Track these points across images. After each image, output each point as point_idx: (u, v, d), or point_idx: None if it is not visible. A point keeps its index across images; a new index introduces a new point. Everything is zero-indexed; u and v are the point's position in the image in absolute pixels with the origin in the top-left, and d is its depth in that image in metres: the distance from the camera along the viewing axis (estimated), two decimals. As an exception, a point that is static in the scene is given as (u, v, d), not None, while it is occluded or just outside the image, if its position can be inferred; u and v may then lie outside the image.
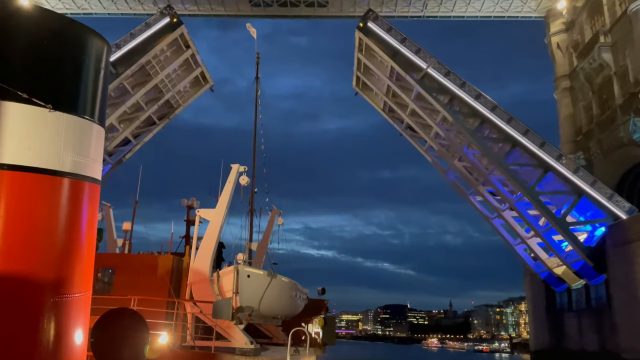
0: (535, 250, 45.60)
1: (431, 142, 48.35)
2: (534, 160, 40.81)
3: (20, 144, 8.67)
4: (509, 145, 41.22)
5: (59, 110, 8.76)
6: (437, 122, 44.54)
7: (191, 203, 25.04)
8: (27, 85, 8.49)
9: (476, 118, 41.96)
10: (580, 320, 43.22)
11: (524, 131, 40.49)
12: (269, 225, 31.78)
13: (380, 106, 52.86)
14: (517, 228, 46.39)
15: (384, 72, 45.89)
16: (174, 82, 49.51)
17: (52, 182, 8.81)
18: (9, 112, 8.56)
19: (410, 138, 52.24)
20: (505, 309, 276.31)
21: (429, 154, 51.22)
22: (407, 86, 45.88)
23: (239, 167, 21.94)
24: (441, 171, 50.92)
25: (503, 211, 46.18)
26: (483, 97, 41.29)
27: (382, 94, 49.45)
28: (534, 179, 41.07)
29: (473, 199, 49.73)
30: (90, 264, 9.56)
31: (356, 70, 49.85)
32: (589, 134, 50.00)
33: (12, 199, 8.55)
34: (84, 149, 9.43)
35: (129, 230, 27.14)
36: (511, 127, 40.67)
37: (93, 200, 9.89)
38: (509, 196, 43.35)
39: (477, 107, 41.17)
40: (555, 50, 55.83)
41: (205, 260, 21.10)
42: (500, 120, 40.83)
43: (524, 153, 41.09)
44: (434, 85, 42.64)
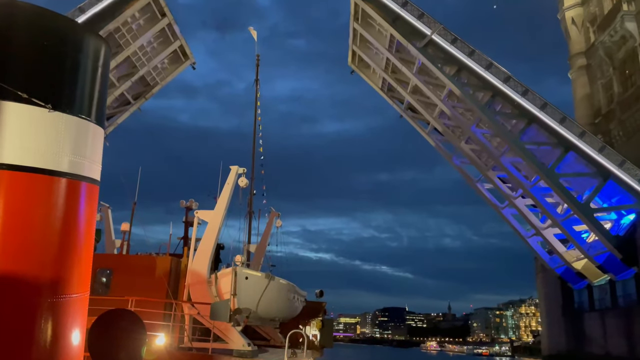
0: (551, 242, 40.65)
1: (435, 122, 43.42)
2: (553, 139, 35.91)
3: (19, 144, 8.71)
4: (525, 121, 36.33)
5: (59, 110, 8.71)
6: (442, 99, 39.63)
7: (190, 204, 25.15)
8: (26, 85, 8.55)
9: (487, 91, 37.06)
10: (605, 321, 38.27)
11: (541, 105, 35.59)
12: (267, 228, 31.54)
13: (378, 85, 47.92)
14: (530, 217, 41.48)
15: (382, 43, 40.98)
16: (149, 56, 44.46)
17: (50, 182, 8.85)
18: (8, 112, 8.68)
19: (411, 120, 47.32)
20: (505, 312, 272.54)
21: (432, 137, 46.28)
22: (409, 58, 40.96)
23: (237, 168, 21.93)
24: (446, 156, 45.97)
25: (515, 199, 41.26)
26: (495, 67, 36.40)
27: (381, 70, 44.53)
28: (552, 160, 36.16)
29: (481, 186, 44.82)
30: (88, 264, 9.39)
31: (351, 44, 44.91)
32: (610, 115, 45.16)
33: (10, 199, 8.56)
34: (83, 149, 9.38)
35: (127, 231, 27.20)
36: (527, 101, 35.78)
37: (91, 201, 9.71)
38: (523, 181, 38.42)
39: (489, 78, 36.26)
40: (570, 26, 51.07)
41: (204, 262, 21.20)
42: (514, 93, 35.94)
43: (542, 130, 36.21)
44: (439, 54, 37.74)
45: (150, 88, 47.88)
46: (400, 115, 48.30)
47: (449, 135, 43.78)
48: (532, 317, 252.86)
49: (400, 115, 48.30)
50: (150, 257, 23.89)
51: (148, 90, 47.96)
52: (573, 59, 50.64)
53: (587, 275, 38.94)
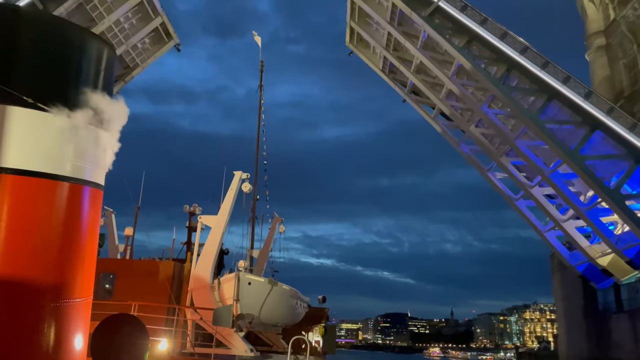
0: (572, 236, 36.39)
1: (441, 104, 39.26)
2: (577, 116, 31.74)
3: (24, 149, 9.18)
4: (544, 98, 32.18)
5: (63, 114, 9.27)
6: (450, 76, 35.51)
7: (193, 209, 25.11)
8: (31, 89, 9.04)
9: (501, 64, 32.95)
10: (635, 324, 33.95)
11: (564, 78, 31.45)
12: (270, 233, 31.51)
13: (378, 66, 43.84)
14: (549, 209, 37.24)
15: (383, 16, 36.93)
16: (127, 34, 40.48)
17: (54, 186, 9.24)
18: (13, 116, 9.17)
19: (415, 104, 43.18)
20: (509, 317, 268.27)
21: (438, 122, 42.11)
22: (413, 32, 36.91)
23: (241, 174, 21.90)
24: (453, 143, 41.77)
25: (532, 187, 37.04)
26: (510, 37, 32.30)
27: (382, 47, 40.44)
28: (576, 141, 31.98)
29: (492, 176, 40.61)
30: (91, 269, 9.94)
31: (349, 20, 40.88)
32: (634, 97, 40.97)
33: (14, 203, 9.01)
34: (87, 153, 9.83)
35: (130, 235, 27.04)
36: (547, 74, 31.65)
37: (95, 206, 10.19)
38: (541, 166, 34.21)
39: (503, 49, 32.16)
40: (587, 4, 47.05)
41: (207, 267, 21.16)
42: (532, 65, 31.82)
43: (564, 107, 32.06)
44: (446, 24, 33.67)
45: (130, 70, 43.86)
46: (403, 99, 44.20)
47: (457, 119, 39.62)
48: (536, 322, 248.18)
49: (403, 99, 44.20)
50: (154, 262, 24.05)
51: (127, 73, 43.93)
52: (591, 39, 46.57)
53: (614, 272, 34.65)
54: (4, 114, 9.37)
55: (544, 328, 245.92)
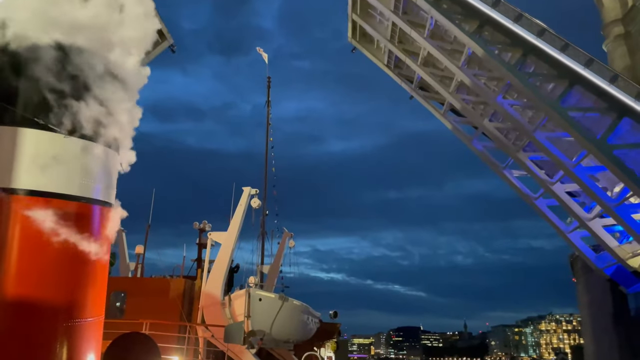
0: (599, 236, 33.40)
1: (452, 98, 36.65)
2: (602, 103, 28.99)
3: (36, 170, 9.64)
4: (565, 83, 29.49)
5: (73, 136, 9.81)
6: (461, 66, 32.98)
7: (203, 226, 25.23)
8: (42, 112, 9.69)
9: (516, 49, 30.34)
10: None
11: (586, 61, 28.77)
12: (280, 248, 31.55)
13: (383, 61, 41.43)
14: (572, 207, 34.31)
15: (386, 4, 34.58)
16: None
17: (66, 206, 9.58)
18: (25, 138, 9.69)
19: (423, 100, 40.64)
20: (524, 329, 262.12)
21: (448, 118, 39.50)
22: (419, 20, 34.51)
23: (250, 190, 22.11)
24: (465, 139, 39.08)
25: (553, 184, 34.20)
26: (526, 19, 29.74)
27: (386, 40, 38.03)
28: (601, 130, 29.19)
29: (508, 174, 37.81)
30: (102, 288, 10.23)
31: (351, 12, 38.58)
32: (658, 86, 38.17)
33: (26, 223, 9.33)
34: (98, 173, 10.38)
35: (141, 253, 27.24)
36: (568, 57, 28.98)
37: (107, 225, 10.67)
38: (563, 159, 31.41)
39: (519, 32, 29.57)
40: (602, -8, 44.47)
41: (217, 284, 21.32)
42: (551, 48, 29.18)
43: (587, 93, 29.34)
44: (455, 8, 31.21)
45: (122, 73, 41.73)
46: (410, 96, 41.70)
47: (469, 113, 36.98)
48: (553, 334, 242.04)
49: (410, 96, 41.70)
50: (164, 279, 24.09)
51: (119, 76, 41.81)
52: (608, 28, 43.89)
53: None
54: (15, 135, 9.77)
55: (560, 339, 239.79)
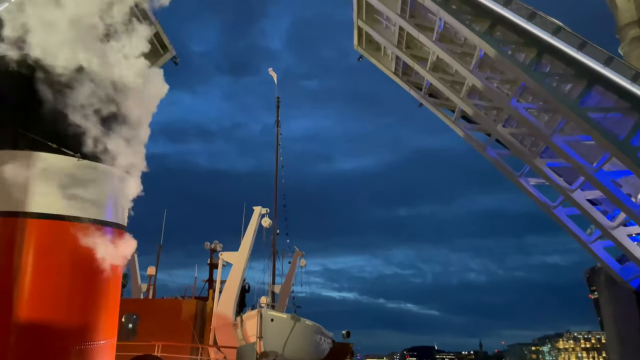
0: (624, 245, 31.41)
1: (463, 104, 35.18)
2: (625, 102, 27.33)
3: (49, 193, 10.27)
4: (584, 83, 27.92)
5: (86, 159, 10.58)
6: (472, 68, 31.58)
7: (214, 246, 25.47)
8: (56, 136, 10.47)
9: (530, 49, 28.90)
10: None
11: (606, 59, 27.24)
12: (291, 267, 31.15)
13: (391, 68, 40.18)
14: (594, 215, 32.41)
15: (393, 8, 33.41)
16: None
17: (78, 228, 10.05)
18: (39, 162, 10.34)
19: (433, 107, 39.19)
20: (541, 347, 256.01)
21: (460, 126, 37.97)
22: (427, 23, 33.28)
23: (261, 209, 22.40)
24: (478, 147, 37.46)
25: (572, 192, 32.38)
26: (540, 17, 28.35)
27: (393, 46, 36.81)
28: (624, 131, 27.49)
29: (525, 182, 36.03)
30: (115, 310, 10.73)
31: (356, 18, 37.48)
32: (680, 88, 36.43)
33: (39, 246, 9.89)
34: (111, 195, 10.98)
35: (153, 275, 27.32)
36: (586, 56, 27.46)
37: (118, 246, 11.12)
38: (584, 164, 29.67)
39: (533, 30, 28.16)
40: (616, -6, 43.09)
41: (229, 304, 21.65)
42: (568, 46, 27.70)
43: (608, 93, 27.73)
44: (464, 8, 29.93)
45: (123, 86, 40.82)
46: (419, 104, 40.29)
47: (481, 119, 35.46)
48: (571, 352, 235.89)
49: (419, 104, 40.29)
50: (176, 300, 24.19)
51: (121, 89, 40.90)
52: (623, 31, 42.35)
53: (679, 285, 29.54)
54: (29, 159, 10.03)
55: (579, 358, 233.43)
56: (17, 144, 12.03)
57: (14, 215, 11.31)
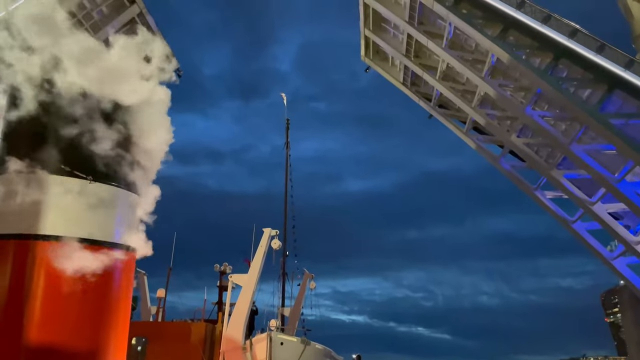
0: (651, 262, 29.45)
1: (475, 114, 33.73)
2: (648, 107, 25.75)
3: (60, 215, 10.55)
4: (603, 88, 26.41)
5: (98, 181, 10.81)
6: (484, 75, 30.21)
7: (224, 269, 25.77)
8: (68, 158, 10.93)
9: (545, 53, 27.52)
10: None
11: (626, 63, 25.77)
12: (301, 290, 31.45)
13: (399, 79, 38.94)
14: (617, 229, 30.54)
15: (400, 15, 32.31)
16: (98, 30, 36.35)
17: (89, 251, 10.25)
18: (51, 184, 10.62)
19: (443, 118, 37.77)
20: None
21: (472, 137, 36.46)
22: (436, 30, 32.11)
23: (270, 231, 22.65)
24: (491, 160, 35.87)
25: (593, 204, 30.59)
26: (555, 20, 27.03)
27: (401, 56, 35.61)
28: (649, 138, 25.81)
29: (541, 195, 34.29)
30: (124, 333, 10.78)
31: (363, 27, 36.41)
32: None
33: (49, 268, 10.07)
34: (122, 218, 11.16)
35: (162, 297, 27.36)
36: (605, 59, 26.02)
37: (128, 269, 11.34)
38: (605, 174, 27.96)
39: (548, 34, 26.81)
40: (631, 3, 41.74)
41: (238, 327, 21.45)
42: (586, 49, 26.29)
43: (629, 98, 26.16)
44: (475, 13, 28.71)
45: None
46: (429, 115, 38.89)
47: (494, 130, 33.92)
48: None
49: (429, 115, 38.89)
50: (186, 323, 24.12)
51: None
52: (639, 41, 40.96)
53: None
54: (42, 182, 10.58)
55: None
56: (31, 167, 12.31)
57: (26, 238, 11.55)
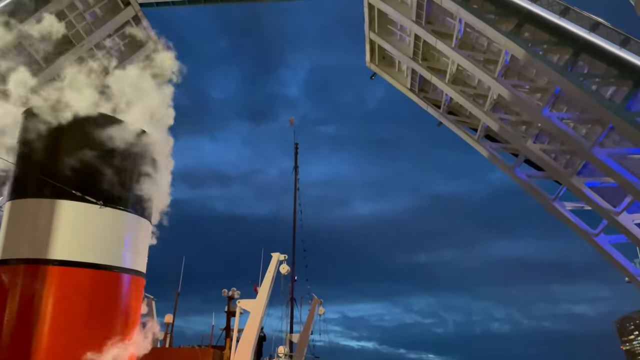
0: (685, 277, 26.77)
1: (487, 119, 31.61)
2: (679, 104, 23.51)
3: (71, 240, 10.63)
4: (629, 84, 24.23)
5: (109, 206, 10.85)
6: (497, 76, 28.20)
7: (232, 294, 25.44)
8: (79, 183, 10.98)
9: (565, 49, 25.47)
10: None
11: (654, 56, 23.62)
12: (309, 315, 30.79)
13: (406, 85, 37.02)
14: (646, 242, 27.96)
15: (407, 14, 30.56)
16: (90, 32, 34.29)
17: (98, 275, 10.29)
18: (62, 210, 10.64)
19: (454, 125, 35.66)
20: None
21: (484, 145, 34.26)
22: (445, 29, 30.28)
23: (279, 255, 21.97)
24: (504, 169, 33.58)
25: (618, 214, 28.12)
26: (574, 12, 25.06)
27: (409, 59, 33.75)
28: (681, 139, 23.47)
29: (560, 207, 31.84)
30: (132, 359, 10.77)
31: (368, 31, 34.69)
32: None
33: (59, 294, 10.07)
34: (131, 243, 11.12)
35: (170, 323, 26.85)
36: (630, 53, 23.92)
37: (137, 294, 11.29)
38: (632, 180, 25.58)
39: (567, 27, 24.83)
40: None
41: (246, 354, 21.00)
42: (608, 43, 24.23)
43: (658, 95, 23.94)
44: (488, 7, 26.86)
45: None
46: (438, 122, 36.83)
47: (508, 136, 31.71)
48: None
49: (438, 122, 36.83)
50: (193, 350, 23.59)
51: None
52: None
53: None
54: (53, 208, 10.86)
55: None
56: (42, 192, 12.40)
57: (36, 263, 11.62)
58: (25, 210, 12.74)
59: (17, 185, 13.77)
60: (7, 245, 12.61)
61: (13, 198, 13.57)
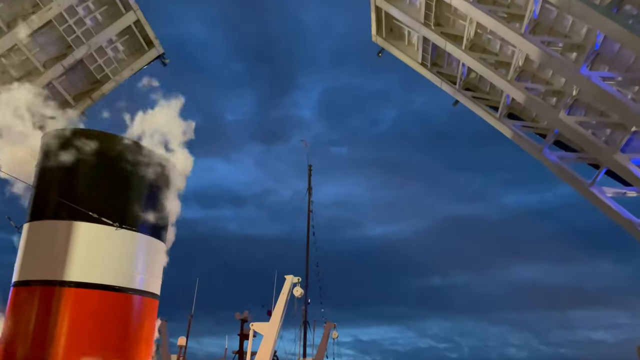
0: None
1: (512, 89, 27.12)
2: None
3: (87, 262, 10.84)
4: (691, 26, 19.68)
5: (125, 228, 11.01)
6: (524, 32, 23.86)
7: (245, 316, 25.85)
8: (96, 205, 11.07)
9: (608, -12, 21.07)
10: None
11: None
12: (323, 339, 30.64)
13: (417, 59, 32.72)
14: None
15: (418, -33, 26.51)
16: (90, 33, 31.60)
17: (114, 298, 10.43)
18: (79, 231, 10.87)
19: (472, 102, 31.14)
20: None
21: (507, 124, 29.70)
22: (462, -18, 26.09)
23: (292, 278, 21.78)
24: (532, 150, 28.90)
25: (674, 197, 23.25)
26: (619, -57, 20.71)
27: (419, 25, 29.52)
28: None
29: (599, 192, 27.03)
30: None
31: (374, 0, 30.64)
32: None
33: (75, 315, 10.31)
34: (146, 265, 11.30)
35: (183, 345, 27.09)
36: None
37: (151, 316, 11.47)
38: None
39: (611, -40, 20.45)
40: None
41: None
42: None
43: None
44: (513, -54, 22.66)
45: (100, 85, 34.50)
46: (454, 101, 32.40)
47: (537, 108, 27.15)
48: None
49: (454, 101, 32.40)
50: None
51: (96, 88, 34.57)
52: None
53: None
54: (70, 229, 11.05)
55: None
56: (58, 214, 12.62)
57: (52, 284, 11.92)
58: (42, 231, 13.18)
59: (35, 207, 14.22)
60: (24, 266, 13.09)
61: (31, 220, 14.10)
